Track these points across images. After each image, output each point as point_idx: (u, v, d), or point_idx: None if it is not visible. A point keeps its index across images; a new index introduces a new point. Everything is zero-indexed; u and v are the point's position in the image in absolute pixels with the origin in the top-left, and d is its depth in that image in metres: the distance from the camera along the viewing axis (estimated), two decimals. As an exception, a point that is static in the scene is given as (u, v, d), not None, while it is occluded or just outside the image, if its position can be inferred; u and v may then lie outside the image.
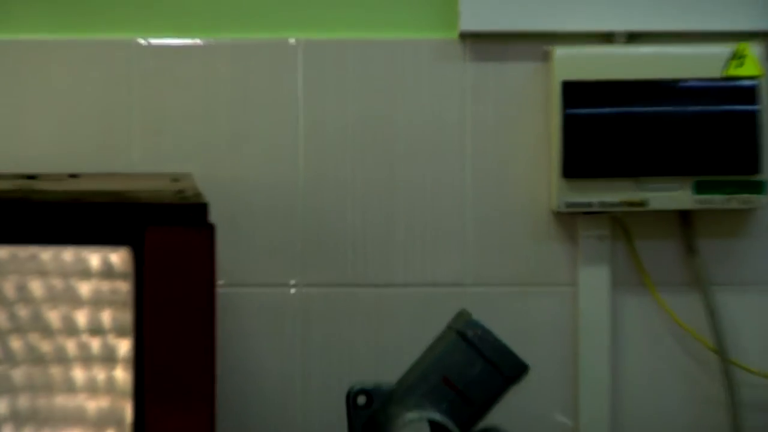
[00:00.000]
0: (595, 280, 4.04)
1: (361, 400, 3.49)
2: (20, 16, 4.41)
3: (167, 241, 3.46)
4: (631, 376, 4.20)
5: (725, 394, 4.07)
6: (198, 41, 4.30)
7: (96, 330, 3.10)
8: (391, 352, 4.04)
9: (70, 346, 3.17)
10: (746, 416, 4.10)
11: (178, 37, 4.31)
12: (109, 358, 3.03)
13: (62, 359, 3.08)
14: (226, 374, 3.88)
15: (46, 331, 3.10)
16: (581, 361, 4.03)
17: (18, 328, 3.09)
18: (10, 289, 3.07)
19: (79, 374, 3.08)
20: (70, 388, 3.05)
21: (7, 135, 4.01)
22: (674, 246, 4.01)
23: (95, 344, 3.23)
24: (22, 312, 3.11)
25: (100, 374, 3.08)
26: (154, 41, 4.30)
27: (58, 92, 4.28)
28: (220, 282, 3.69)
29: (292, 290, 4.12)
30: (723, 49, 3.90)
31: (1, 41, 4.18)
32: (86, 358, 3.08)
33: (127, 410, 2.92)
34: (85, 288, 3.29)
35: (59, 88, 4.28)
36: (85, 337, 3.15)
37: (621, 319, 4.12)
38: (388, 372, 3.60)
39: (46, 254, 3.29)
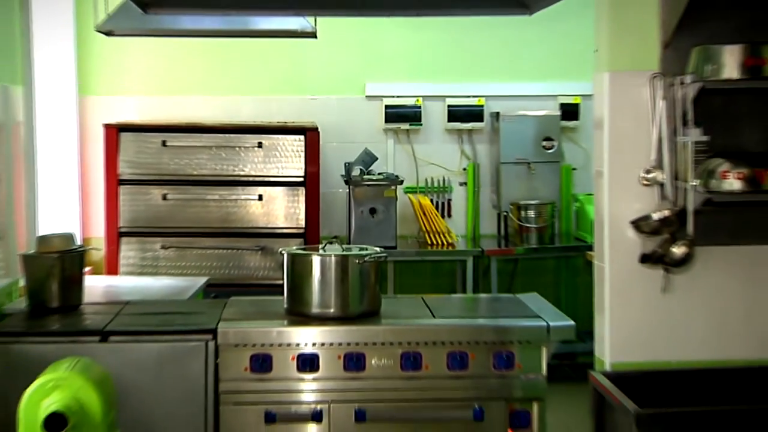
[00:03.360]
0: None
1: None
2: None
3: (308, 134, 7.65)
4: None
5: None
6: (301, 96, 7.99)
7: (296, 158, 7.26)
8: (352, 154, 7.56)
9: (288, 166, 7.35)
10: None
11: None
12: (295, 174, 7.31)
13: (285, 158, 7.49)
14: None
15: (272, 159, 7.24)
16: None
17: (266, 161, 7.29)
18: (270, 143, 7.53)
19: (290, 164, 7.46)
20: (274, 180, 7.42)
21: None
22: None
23: (296, 160, 7.24)
24: (262, 155, 7.30)
25: (297, 164, 7.42)
26: (314, 96, 7.93)
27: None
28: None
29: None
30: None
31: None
32: (285, 171, 7.32)
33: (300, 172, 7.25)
34: (294, 144, 7.46)
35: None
36: (291, 159, 7.47)
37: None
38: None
39: (279, 137, 7.38)
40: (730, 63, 3.94)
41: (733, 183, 3.94)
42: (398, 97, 8.14)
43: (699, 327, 4.24)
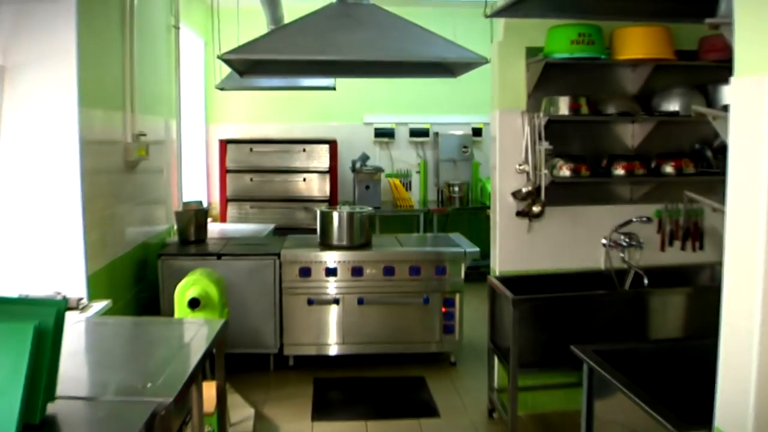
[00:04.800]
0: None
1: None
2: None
3: (330, 144, 7.92)
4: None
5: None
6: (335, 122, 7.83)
7: (324, 157, 7.29)
8: (356, 155, 7.75)
9: (320, 162, 7.95)
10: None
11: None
12: (323, 166, 7.27)
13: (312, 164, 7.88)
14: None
15: (311, 158, 7.39)
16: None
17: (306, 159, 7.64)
18: (302, 153, 7.88)
19: (321, 161, 7.49)
20: (312, 170, 7.49)
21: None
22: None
23: (324, 159, 7.46)
24: (306, 155, 7.39)
25: (325, 161, 7.51)
26: (334, 123, 7.67)
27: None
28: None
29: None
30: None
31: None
32: (318, 165, 7.45)
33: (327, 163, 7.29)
34: (323, 150, 8.03)
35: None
36: (322, 158, 7.58)
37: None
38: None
39: (315, 146, 7.73)
40: (563, 106, 3.94)
41: (565, 172, 3.98)
42: (382, 123, 8.00)
43: (546, 251, 4.22)
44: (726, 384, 1.93)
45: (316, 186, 7.28)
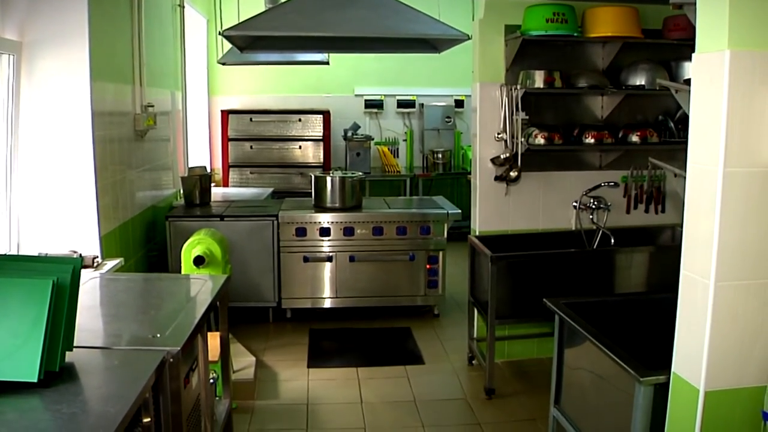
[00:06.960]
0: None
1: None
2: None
3: (324, 114, 7.76)
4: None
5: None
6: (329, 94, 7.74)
7: (318, 126, 7.22)
8: (347, 124, 7.75)
9: (314, 131, 7.39)
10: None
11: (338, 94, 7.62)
12: (318, 135, 7.21)
13: (306, 136, 7.55)
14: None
15: (306, 127, 7.28)
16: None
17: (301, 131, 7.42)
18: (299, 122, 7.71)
19: (316, 130, 7.40)
20: (307, 138, 7.50)
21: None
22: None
23: (318, 128, 7.32)
24: (301, 125, 7.20)
25: (319, 129, 7.37)
26: (327, 94, 7.51)
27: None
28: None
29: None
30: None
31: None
32: (313, 133, 7.32)
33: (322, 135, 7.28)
34: (318, 120, 7.69)
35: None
36: (316, 127, 7.42)
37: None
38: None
39: (310, 116, 7.83)
40: (538, 80, 3.93)
41: (540, 140, 3.96)
42: (371, 95, 7.89)
43: (522, 212, 4.22)
44: (683, 334, 1.95)
45: (310, 153, 7.22)
